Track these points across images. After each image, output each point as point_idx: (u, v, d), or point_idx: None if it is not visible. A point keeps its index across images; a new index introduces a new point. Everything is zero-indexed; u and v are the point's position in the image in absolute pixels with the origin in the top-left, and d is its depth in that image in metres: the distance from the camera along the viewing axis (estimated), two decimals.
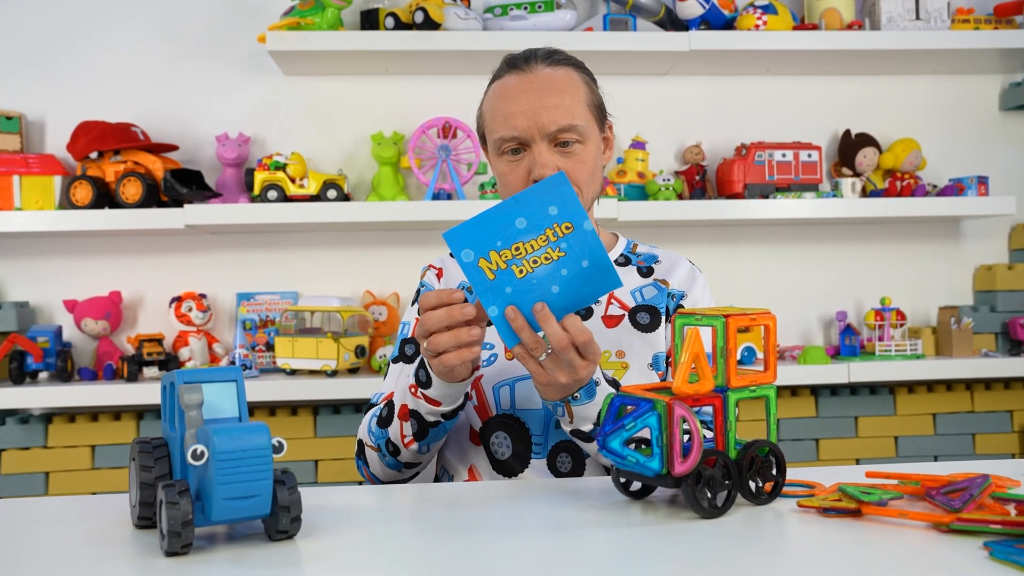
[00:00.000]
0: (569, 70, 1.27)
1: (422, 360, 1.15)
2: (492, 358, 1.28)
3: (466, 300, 1.05)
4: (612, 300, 1.31)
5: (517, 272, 1.02)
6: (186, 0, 2.34)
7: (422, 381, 1.14)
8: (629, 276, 1.35)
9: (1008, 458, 2.38)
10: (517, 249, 1.01)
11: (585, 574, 0.76)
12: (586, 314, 1.30)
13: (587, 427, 1.13)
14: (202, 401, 0.82)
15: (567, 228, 1.02)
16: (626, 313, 1.31)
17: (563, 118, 1.22)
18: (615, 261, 1.36)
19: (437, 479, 1.34)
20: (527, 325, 1.02)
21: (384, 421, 1.22)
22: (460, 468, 1.29)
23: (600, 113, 1.30)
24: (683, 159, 2.44)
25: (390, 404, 1.22)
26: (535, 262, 1.02)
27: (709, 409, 0.97)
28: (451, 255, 1.40)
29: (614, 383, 1.17)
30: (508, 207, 1.01)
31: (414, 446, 1.21)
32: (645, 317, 1.30)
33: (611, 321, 1.30)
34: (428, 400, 1.15)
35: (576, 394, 1.09)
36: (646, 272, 1.36)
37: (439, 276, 1.41)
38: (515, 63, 1.28)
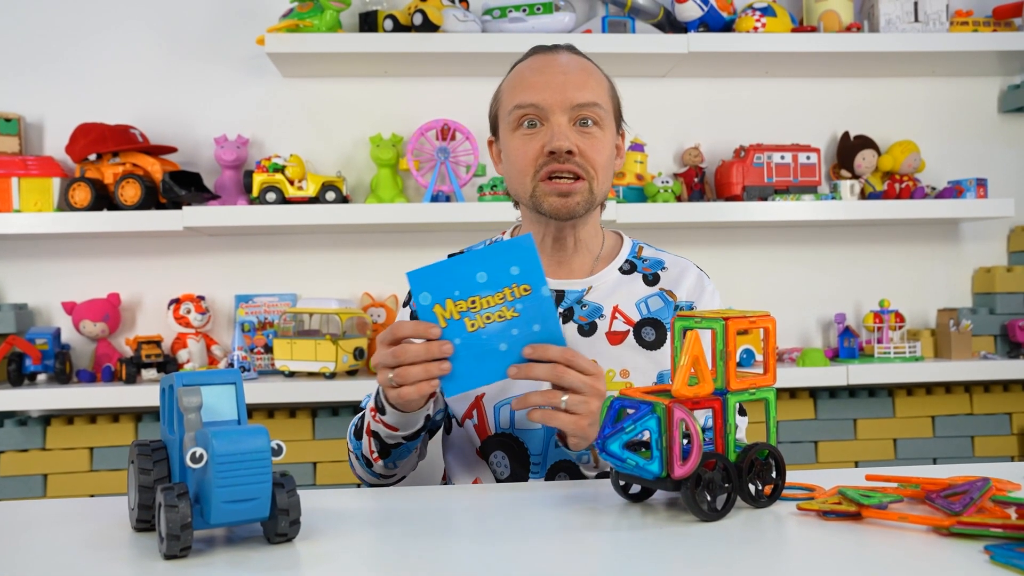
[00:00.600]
0: (593, 67, 1.28)
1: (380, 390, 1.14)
2: None
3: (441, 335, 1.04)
4: (617, 314, 1.27)
5: (469, 325, 1.03)
6: (185, 2, 2.34)
7: (379, 406, 1.14)
8: (634, 285, 1.30)
9: (1007, 461, 2.39)
10: (473, 302, 1.03)
11: None
12: (590, 329, 1.26)
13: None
14: (201, 404, 0.82)
15: (525, 290, 1.03)
16: (631, 329, 1.26)
17: (588, 94, 1.21)
18: (619, 268, 1.32)
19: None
20: (536, 378, 1.04)
21: (358, 432, 1.23)
22: (465, 479, 1.29)
23: (618, 113, 1.29)
24: (682, 161, 2.44)
25: (363, 417, 1.22)
26: (488, 318, 1.03)
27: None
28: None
29: None
30: (472, 259, 1.03)
31: (380, 462, 1.21)
32: (650, 333, 1.26)
33: (615, 338, 1.26)
34: (385, 425, 1.15)
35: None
36: (652, 280, 1.31)
37: None
38: (542, 48, 1.28)
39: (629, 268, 1.32)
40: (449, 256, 1.31)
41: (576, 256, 1.30)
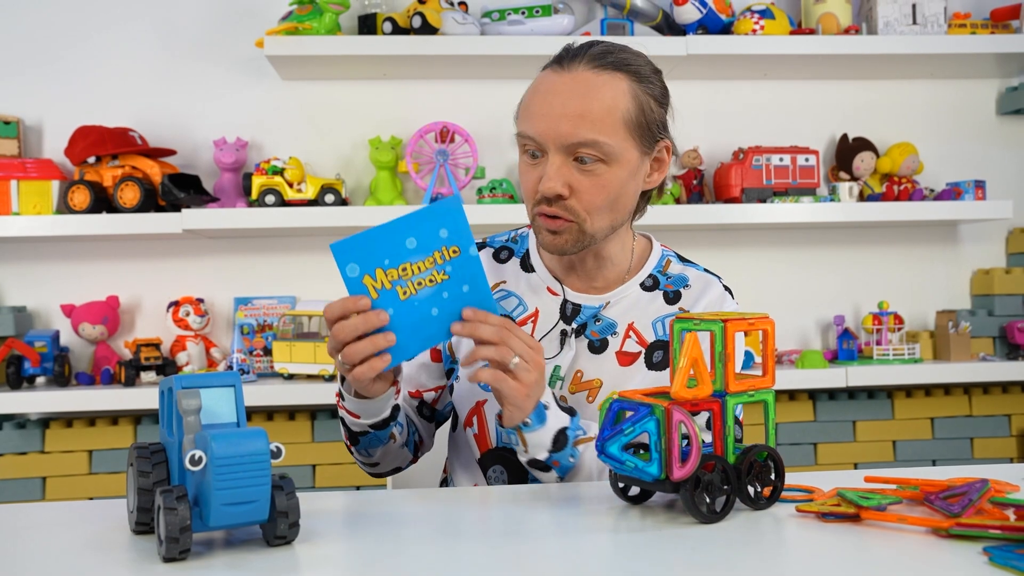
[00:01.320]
0: (617, 77, 1.13)
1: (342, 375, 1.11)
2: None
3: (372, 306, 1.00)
4: (631, 332, 1.21)
5: (401, 293, 1.01)
6: (184, 5, 2.35)
7: (341, 393, 1.13)
8: (654, 304, 1.23)
9: (1006, 462, 2.39)
10: (404, 270, 1.00)
11: None
12: (600, 346, 1.21)
13: (543, 455, 1.10)
14: (200, 406, 0.82)
15: (454, 252, 1.01)
16: (643, 351, 1.21)
17: (584, 132, 1.10)
18: (641, 284, 1.25)
19: (446, 482, 1.33)
20: (487, 342, 1.03)
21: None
22: (466, 481, 1.28)
23: (644, 132, 1.14)
24: (681, 163, 2.44)
25: None
26: (419, 284, 1.01)
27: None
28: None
29: (569, 410, 1.13)
30: (400, 225, 0.99)
31: (353, 450, 1.21)
32: (659, 355, 1.21)
33: (625, 359, 1.21)
34: (348, 412, 1.14)
35: (527, 419, 1.07)
36: (673, 298, 1.24)
37: None
38: (560, 58, 1.16)
39: (652, 284, 1.26)
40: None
41: (600, 272, 1.24)
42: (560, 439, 1.10)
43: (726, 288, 1.29)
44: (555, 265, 1.26)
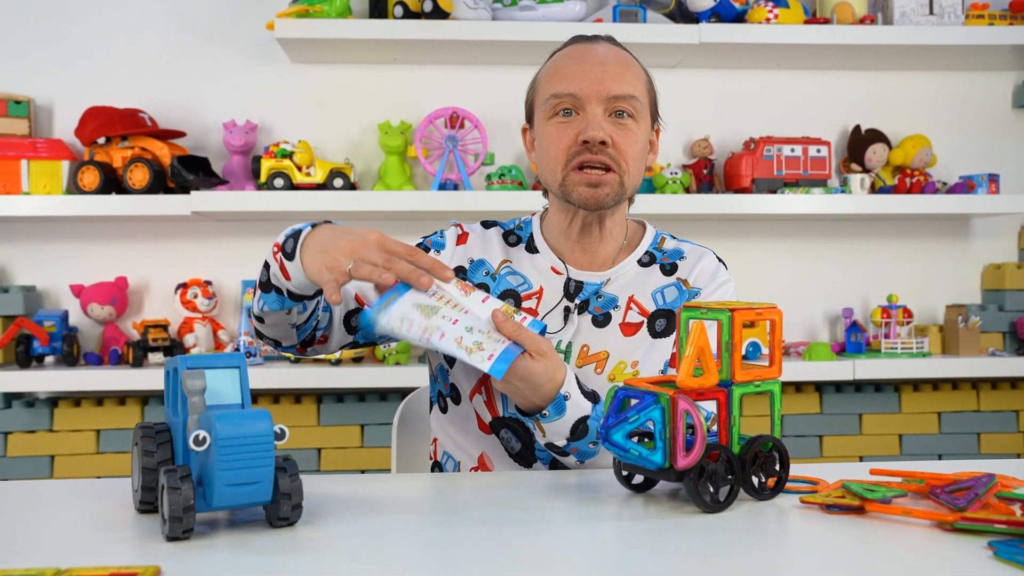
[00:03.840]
0: (633, 60, 1.28)
1: (297, 233, 1.11)
2: None
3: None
4: (632, 304, 1.26)
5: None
6: None
7: (287, 252, 1.11)
8: (652, 276, 1.29)
9: (1013, 458, 2.38)
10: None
11: (586, 567, 0.75)
12: (603, 320, 1.24)
13: (560, 442, 1.11)
14: (205, 387, 0.82)
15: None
16: (645, 320, 1.25)
17: (626, 85, 1.21)
18: (638, 260, 1.30)
19: (440, 465, 1.33)
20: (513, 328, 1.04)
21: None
22: (469, 456, 1.28)
23: (654, 106, 1.28)
24: (691, 152, 2.43)
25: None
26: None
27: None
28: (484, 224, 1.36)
29: (593, 395, 1.14)
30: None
31: (259, 295, 1.17)
32: (662, 323, 1.25)
33: (629, 329, 1.25)
34: (282, 270, 1.12)
35: (545, 411, 1.08)
36: (669, 270, 1.30)
37: (460, 240, 1.33)
38: (580, 38, 1.27)
39: (648, 260, 1.31)
40: (482, 223, 1.33)
41: (602, 245, 1.29)
42: (580, 427, 1.11)
43: (720, 260, 1.34)
44: (559, 243, 1.30)
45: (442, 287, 1.05)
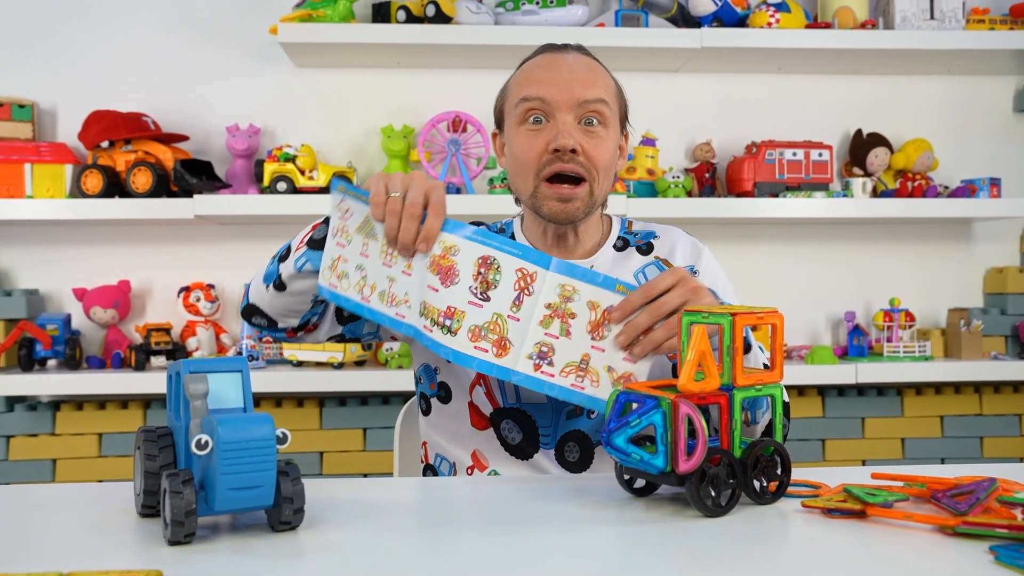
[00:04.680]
0: (602, 68, 1.29)
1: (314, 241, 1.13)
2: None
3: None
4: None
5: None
6: None
7: (309, 240, 1.14)
8: (631, 259, 1.32)
9: (1016, 462, 2.37)
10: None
11: (587, 570, 0.76)
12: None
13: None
14: (207, 391, 0.82)
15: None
16: None
17: (597, 91, 1.22)
18: (613, 246, 1.33)
19: (432, 468, 1.33)
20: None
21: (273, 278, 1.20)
22: (461, 454, 1.28)
23: (623, 113, 1.29)
24: (693, 156, 2.43)
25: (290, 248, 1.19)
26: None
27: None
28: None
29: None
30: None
31: (269, 285, 1.18)
32: None
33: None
34: (306, 264, 1.13)
35: None
36: (646, 250, 1.33)
37: None
38: (549, 47, 1.29)
39: (622, 244, 1.34)
40: (471, 223, 1.27)
41: (579, 247, 1.32)
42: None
43: (691, 236, 1.37)
44: (539, 245, 1.32)
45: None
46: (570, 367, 1.02)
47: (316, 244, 1.14)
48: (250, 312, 1.25)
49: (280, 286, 1.19)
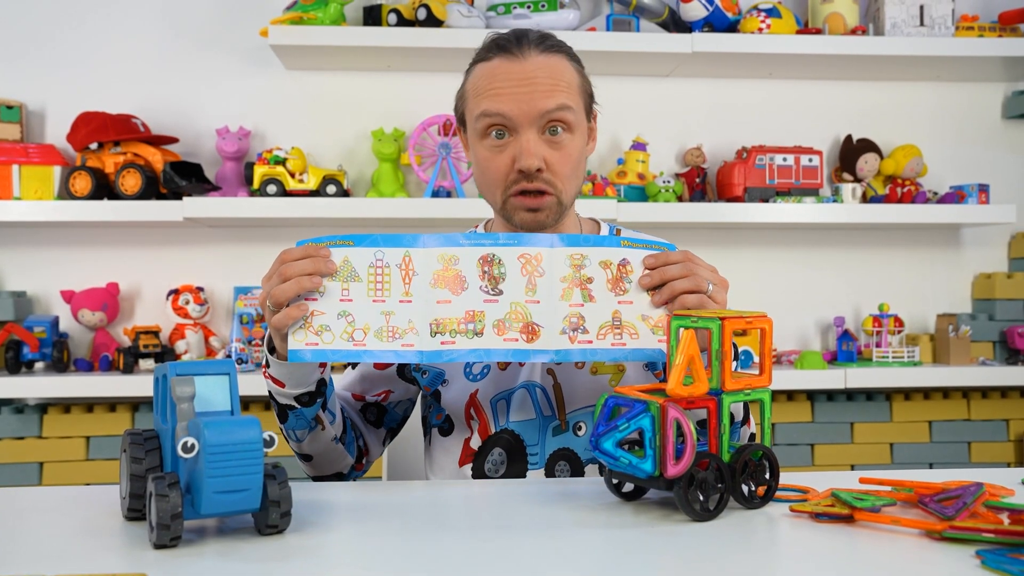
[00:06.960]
0: (562, 58, 1.21)
1: (269, 339, 1.13)
2: (485, 370, 1.24)
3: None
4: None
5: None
6: None
7: (265, 361, 1.14)
8: None
9: (1003, 467, 2.38)
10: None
11: (575, 574, 0.75)
12: None
13: None
14: (194, 394, 0.82)
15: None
16: None
17: (559, 98, 1.16)
18: None
19: None
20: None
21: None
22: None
23: (588, 100, 1.24)
24: (684, 161, 2.43)
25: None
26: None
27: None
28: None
29: None
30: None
31: (285, 430, 1.19)
32: None
33: None
34: (274, 380, 1.13)
35: None
36: None
37: None
38: (506, 46, 1.21)
39: None
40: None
41: None
42: None
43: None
44: None
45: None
46: (605, 328, 1.04)
47: (282, 415, 1.16)
48: (316, 479, 1.27)
49: (306, 456, 1.22)
